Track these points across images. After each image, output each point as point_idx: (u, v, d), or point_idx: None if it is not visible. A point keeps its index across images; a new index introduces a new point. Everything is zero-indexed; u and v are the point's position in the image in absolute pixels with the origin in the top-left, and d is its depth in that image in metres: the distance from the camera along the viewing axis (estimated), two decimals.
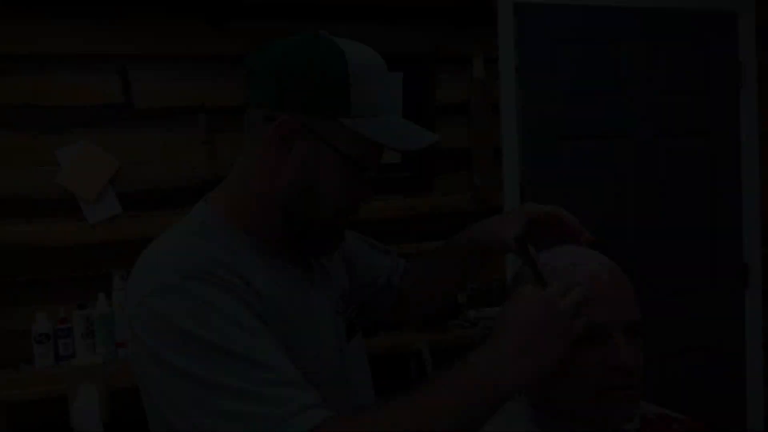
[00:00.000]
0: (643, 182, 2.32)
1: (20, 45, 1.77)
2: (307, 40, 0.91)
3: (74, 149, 1.82)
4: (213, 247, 0.87)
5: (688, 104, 2.38)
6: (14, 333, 1.81)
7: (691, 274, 2.40)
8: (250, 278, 0.87)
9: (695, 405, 2.39)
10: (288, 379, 0.77)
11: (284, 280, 0.94)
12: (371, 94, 0.90)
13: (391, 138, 0.90)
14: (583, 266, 0.94)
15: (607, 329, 0.90)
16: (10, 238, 1.79)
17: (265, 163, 0.92)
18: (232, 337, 0.77)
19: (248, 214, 0.94)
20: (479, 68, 2.17)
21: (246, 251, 0.91)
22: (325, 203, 0.92)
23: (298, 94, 0.89)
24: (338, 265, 1.13)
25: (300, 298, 0.95)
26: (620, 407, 0.89)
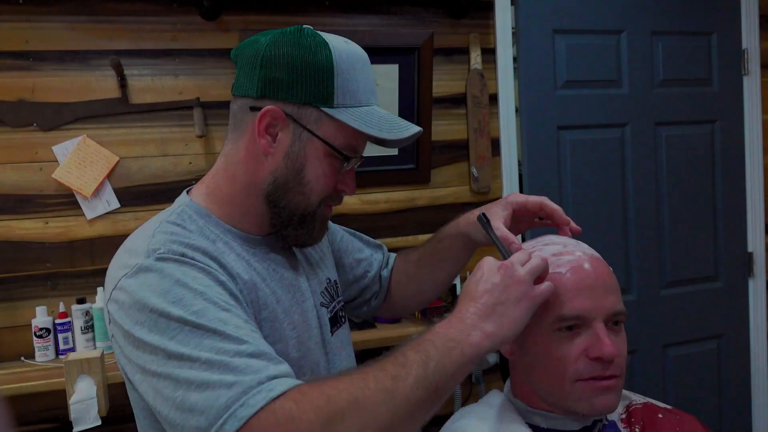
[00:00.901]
0: (644, 172, 2.29)
1: (16, 41, 1.78)
2: (292, 32, 0.92)
3: (71, 145, 1.83)
4: (190, 234, 0.89)
5: (691, 93, 2.35)
6: (16, 328, 1.83)
7: (695, 264, 2.38)
8: (227, 264, 0.88)
9: (700, 394, 2.38)
10: (259, 351, 0.77)
11: (264, 269, 0.95)
12: (355, 86, 0.92)
13: (373, 128, 0.91)
14: (566, 256, 0.94)
15: (588, 319, 0.90)
16: (9, 233, 1.80)
17: (250, 153, 0.94)
18: (203, 312, 0.77)
19: (230, 203, 0.95)
20: (476, 59, 2.15)
21: (224, 239, 0.92)
22: (309, 192, 0.94)
23: (282, 83, 0.90)
24: (325, 258, 1.14)
25: (280, 287, 0.96)
26: (601, 397, 0.89)
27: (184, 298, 0.78)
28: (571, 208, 2.21)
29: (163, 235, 0.87)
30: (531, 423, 0.95)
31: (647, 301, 2.32)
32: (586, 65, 2.21)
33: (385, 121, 0.94)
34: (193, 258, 0.84)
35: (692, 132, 2.36)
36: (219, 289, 0.82)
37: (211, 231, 0.92)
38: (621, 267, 2.28)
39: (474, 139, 2.16)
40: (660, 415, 1.00)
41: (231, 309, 0.80)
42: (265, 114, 0.90)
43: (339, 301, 1.12)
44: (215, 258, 0.87)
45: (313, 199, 0.94)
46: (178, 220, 0.91)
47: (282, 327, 0.93)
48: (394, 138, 0.93)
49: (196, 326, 0.76)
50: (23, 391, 1.64)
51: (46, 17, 1.80)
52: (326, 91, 0.90)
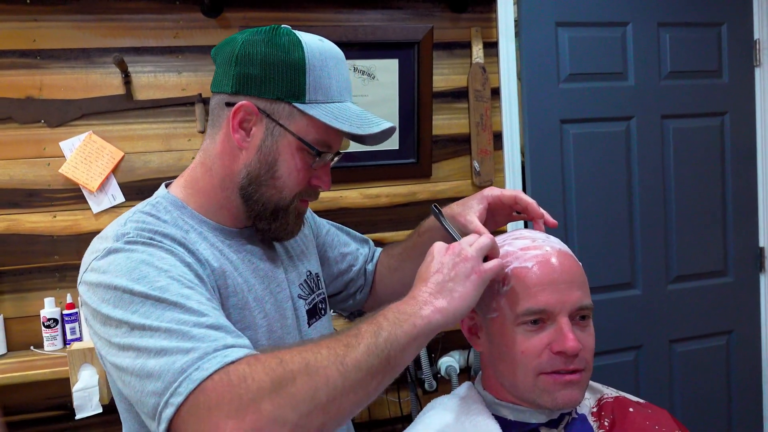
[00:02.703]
0: (650, 165, 2.26)
1: (23, 41, 1.83)
2: (267, 31, 0.96)
3: (78, 141, 1.88)
4: (161, 223, 0.92)
5: (700, 85, 2.31)
6: (25, 318, 1.89)
7: (704, 259, 2.35)
8: (196, 251, 0.91)
9: (709, 391, 2.36)
10: (218, 324, 0.79)
11: (238, 258, 0.98)
12: (327, 82, 0.94)
13: (344, 123, 0.94)
14: (533, 250, 0.95)
15: (552, 313, 0.90)
16: (19, 227, 1.86)
17: (225, 147, 0.97)
18: (166, 287, 0.80)
19: (206, 196, 0.99)
20: (478, 53, 2.15)
21: (198, 230, 0.96)
22: (281, 186, 0.96)
23: (256, 79, 0.93)
24: (307, 251, 1.16)
25: (254, 276, 0.99)
26: (563, 391, 0.90)
27: (149, 275, 0.80)
28: (574, 202, 2.19)
29: (134, 223, 0.90)
30: (499, 415, 0.96)
31: (653, 296, 2.29)
32: (590, 58, 2.19)
33: (356, 117, 0.95)
34: (161, 242, 0.87)
35: (701, 125, 2.32)
36: (184, 269, 0.85)
37: (185, 221, 0.95)
38: (626, 262, 2.26)
39: (476, 133, 2.16)
40: (631, 408, 1.00)
41: (194, 287, 0.83)
42: (239, 109, 0.93)
43: (320, 294, 1.14)
44: (184, 245, 0.89)
45: (285, 193, 0.97)
46: (153, 211, 0.94)
47: (252, 315, 0.95)
48: (364, 133, 0.94)
49: (158, 300, 0.78)
50: (30, 379, 1.69)
51: (53, 16, 1.85)
52: (298, 87, 0.92)
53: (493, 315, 0.95)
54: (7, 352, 1.85)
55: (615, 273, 2.26)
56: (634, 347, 2.30)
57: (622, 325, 2.27)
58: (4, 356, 1.83)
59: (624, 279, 2.27)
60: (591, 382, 1.07)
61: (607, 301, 2.25)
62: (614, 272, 2.26)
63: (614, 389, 1.06)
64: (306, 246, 1.17)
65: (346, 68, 0.99)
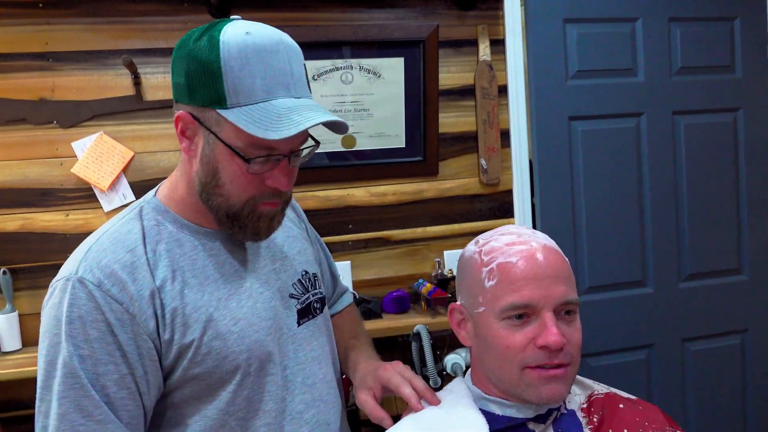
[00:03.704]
0: (661, 162, 2.24)
1: (36, 43, 1.88)
2: (195, 32, 0.92)
3: (89, 141, 1.92)
4: (124, 251, 0.93)
5: (712, 81, 2.28)
6: (39, 315, 1.93)
7: (717, 257, 2.32)
8: (157, 277, 0.94)
9: (723, 390, 2.32)
10: None
11: (214, 263, 0.99)
12: (249, 81, 0.88)
13: (260, 127, 0.87)
14: (518, 245, 0.95)
15: (537, 308, 0.91)
16: (33, 225, 1.91)
17: (184, 155, 0.98)
18: (82, 373, 0.88)
19: (184, 201, 0.99)
20: (485, 50, 2.15)
21: (176, 236, 0.97)
22: (226, 193, 0.94)
23: (183, 88, 0.91)
24: (306, 251, 1.17)
25: (231, 277, 0.99)
26: (548, 385, 0.90)
27: (72, 364, 0.88)
28: (583, 199, 2.18)
29: (96, 254, 0.93)
30: (487, 410, 0.97)
31: (665, 294, 2.27)
32: (599, 54, 2.17)
33: (276, 118, 0.88)
34: (108, 291, 0.89)
35: (713, 120, 2.29)
36: (105, 363, 0.90)
37: (165, 227, 0.97)
38: (637, 260, 2.24)
39: (483, 130, 2.16)
40: (621, 405, 1.00)
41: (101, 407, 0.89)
42: (177, 119, 0.92)
43: (315, 294, 1.14)
44: (136, 280, 0.91)
45: (233, 200, 0.94)
46: (135, 216, 0.98)
47: (216, 322, 0.96)
48: (276, 137, 0.87)
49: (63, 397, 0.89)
50: None
51: (64, 20, 1.89)
52: (218, 92, 0.88)
53: (479, 310, 0.95)
54: (22, 348, 1.90)
55: (626, 271, 2.24)
56: (645, 346, 2.28)
57: (634, 323, 2.25)
58: (20, 351, 1.88)
59: (635, 277, 2.25)
60: (582, 378, 1.07)
61: (618, 299, 2.23)
62: (625, 270, 2.24)
63: (605, 385, 1.06)
64: (304, 247, 1.18)
65: (282, 58, 0.90)
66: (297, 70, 0.92)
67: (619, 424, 0.97)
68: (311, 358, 1.08)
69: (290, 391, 1.03)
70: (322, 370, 1.10)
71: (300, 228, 1.22)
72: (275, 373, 1.01)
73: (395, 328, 1.93)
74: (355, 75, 2.03)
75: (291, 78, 0.91)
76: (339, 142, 2.06)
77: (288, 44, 0.92)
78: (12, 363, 1.77)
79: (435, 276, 2.10)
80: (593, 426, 0.96)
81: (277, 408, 1.01)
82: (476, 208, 2.20)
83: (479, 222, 2.19)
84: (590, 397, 1.02)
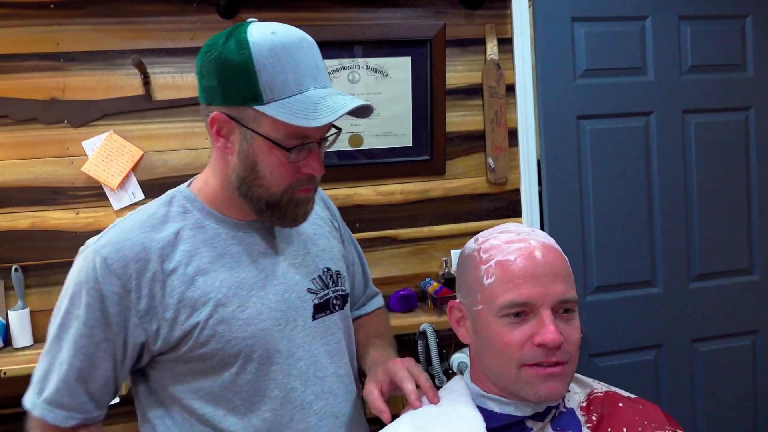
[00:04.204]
0: (671, 161, 2.23)
1: (48, 44, 1.91)
2: (220, 36, 0.98)
3: (99, 140, 1.95)
4: (147, 228, 1.02)
5: (723, 79, 2.26)
6: (50, 311, 1.95)
7: (727, 257, 2.30)
8: (169, 261, 1.01)
9: (733, 391, 2.30)
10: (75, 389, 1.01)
11: (232, 250, 1.05)
12: (282, 77, 0.95)
13: (298, 117, 0.94)
14: (517, 243, 0.96)
15: (535, 306, 0.91)
16: (44, 223, 1.94)
17: (218, 153, 1.05)
18: (76, 326, 1.00)
19: (215, 195, 1.07)
20: (492, 49, 2.15)
21: (201, 224, 1.05)
22: (266, 184, 1.01)
23: (217, 90, 0.98)
24: (331, 249, 1.21)
25: (248, 267, 1.05)
26: (546, 383, 0.90)
27: (68, 317, 1.02)
28: (591, 198, 2.17)
29: (116, 231, 1.02)
30: (485, 408, 0.97)
31: (674, 294, 2.25)
32: (608, 53, 2.16)
33: (312, 107, 0.95)
34: (111, 266, 0.98)
35: (724, 119, 2.27)
36: (92, 326, 1.00)
37: (192, 214, 1.05)
38: (646, 260, 2.23)
39: (490, 129, 2.16)
40: (621, 403, 0.99)
41: (83, 345, 1.01)
42: (213, 121, 0.99)
43: (336, 290, 1.16)
44: (141, 260, 1.00)
45: (273, 189, 1.01)
46: (166, 202, 1.07)
47: (226, 309, 1.02)
48: (315, 125, 0.94)
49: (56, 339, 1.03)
50: None
51: (75, 20, 1.92)
52: (253, 90, 0.94)
53: (478, 307, 0.95)
54: (33, 344, 1.92)
55: (634, 271, 2.23)
56: (654, 346, 2.26)
57: (642, 323, 2.24)
58: (31, 347, 1.90)
59: (644, 277, 2.24)
60: (582, 377, 1.07)
61: (626, 299, 2.22)
62: (633, 270, 2.22)
63: (605, 384, 1.06)
64: (331, 245, 1.21)
65: (307, 53, 0.98)
66: (320, 63, 1.00)
67: (618, 422, 0.96)
68: (324, 351, 1.11)
69: (302, 381, 1.08)
70: (334, 364, 1.13)
71: (330, 226, 1.26)
72: (281, 362, 1.05)
73: (401, 327, 1.94)
74: (363, 74, 2.04)
75: (317, 70, 0.98)
76: (346, 141, 2.06)
77: (309, 40, 0.99)
78: (23, 359, 1.80)
79: (442, 275, 2.10)
80: (592, 424, 0.96)
81: (283, 396, 1.06)
82: (483, 208, 2.20)
83: (486, 221, 2.19)
84: (590, 395, 1.02)
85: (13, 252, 1.92)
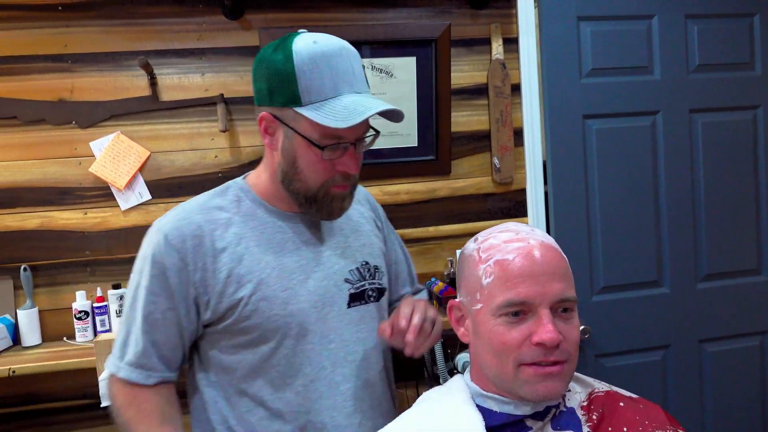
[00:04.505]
0: (678, 161, 2.21)
1: (56, 46, 1.93)
2: (272, 46, 1.11)
3: (106, 141, 1.96)
4: (206, 208, 1.17)
5: (730, 78, 2.24)
6: (58, 310, 1.98)
7: (735, 257, 2.28)
8: (221, 240, 1.14)
9: (742, 392, 2.29)
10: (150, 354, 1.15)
11: (279, 239, 1.17)
12: (319, 82, 1.06)
13: (330, 119, 1.05)
14: (515, 242, 0.96)
15: (533, 305, 0.91)
16: (52, 223, 1.96)
17: (266, 150, 1.18)
18: (146, 297, 1.14)
19: (266, 188, 1.20)
20: (498, 49, 2.14)
21: (250, 211, 1.18)
22: (305, 179, 1.13)
23: (265, 92, 1.14)
24: (371, 246, 1.30)
25: (291, 253, 1.17)
26: (544, 382, 0.90)
27: (138, 289, 1.16)
28: (597, 198, 2.16)
29: (177, 213, 1.17)
30: (485, 407, 0.97)
31: (682, 294, 2.24)
32: (614, 52, 2.15)
33: (343, 110, 1.05)
34: (171, 242, 1.13)
35: (732, 118, 2.25)
36: (158, 294, 1.14)
37: (245, 203, 1.19)
38: (652, 260, 2.21)
39: (496, 129, 2.16)
40: (621, 403, 0.99)
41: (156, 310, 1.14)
42: (261, 120, 1.13)
43: (373, 283, 1.26)
44: (196, 237, 1.13)
45: (310, 184, 1.13)
46: (222, 191, 1.21)
47: (268, 288, 1.14)
48: (343, 126, 1.04)
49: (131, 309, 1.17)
50: (62, 368, 1.78)
51: (83, 22, 1.93)
52: (294, 93, 1.07)
53: (477, 307, 0.95)
54: (42, 342, 1.94)
55: (641, 271, 2.21)
56: (661, 347, 2.25)
57: (649, 324, 2.22)
58: (39, 346, 1.92)
59: (651, 277, 2.22)
60: (583, 377, 1.06)
61: (633, 299, 2.21)
62: (640, 270, 2.21)
63: (606, 384, 1.05)
64: (371, 241, 1.30)
65: (344, 60, 1.08)
66: (357, 70, 1.10)
67: (619, 422, 0.96)
68: (356, 338, 1.21)
69: (331, 362, 1.18)
70: (365, 351, 1.23)
71: (373, 226, 1.36)
72: (315, 343, 1.16)
73: None
74: (368, 74, 2.04)
75: (353, 76, 1.08)
76: None
77: (349, 49, 1.09)
78: (32, 357, 1.82)
79: (447, 275, 2.10)
80: (592, 423, 0.96)
81: (314, 374, 1.17)
82: (489, 207, 2.20)
83: (492, 221, 2.19)
84: (591, 395, 1.01)
85: (22, 251, 1.94)
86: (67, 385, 1.98)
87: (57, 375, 1.91)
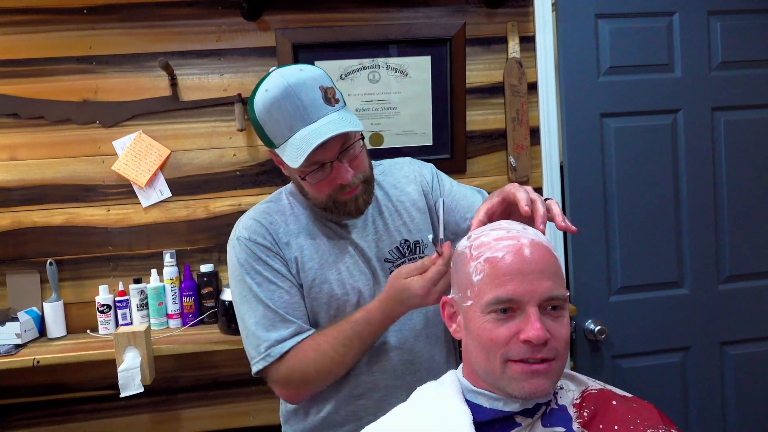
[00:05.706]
0: (699, 160, 2.17)
1: (81, 48, 2.00)
2: (253, 91, 1.26)
3: (129, 140, 2.02)
4: (269, 214, 1.35)
5: (755, 75, 2.19)
6: (82, 303, 2.05)
7: (759, 258, 2.23)
8: (280, 238, 1.32)
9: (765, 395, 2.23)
10: (278, 319, 1.29)
11: (321, 232, 1.35)
12: (277, 126, 1.21)
13: (296, 154, 1.19)
14: (506, 240, 0.96)
15: (521, 302, 0.92)
16: (77, 219, 2.02)
17: None
18: (255, 287, 1.29)
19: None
20: (514, 48, 2.14)
21: (299, 211, 1.37)
22: (312, 197, 1.31)
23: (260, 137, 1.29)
24: (412, 222, 1.41)
25: (331, 244, 1.34)
26: (531, 380, 0.90)
27: (249, 274, 1.31)
28: (615, 198, 2.14)
29: (246, 220, 1.35)
30: (475, 402, 0.98)
31: (703, 296, 2.20)
32: (633, 50, 2.12)
33: (301, 143, 1.18)
34: (254, 240, 1.31)
35: (755, 117, 2.20)
36: (266, 267, 1.31)
37: (295, 204, 1.37)
38: (672, 261, 2.18)
39: (512, 128, 2.15)
40: (614, 401, 0.99)
41: (270, 285, 1.30)
42: (271, 156, 1.32)
43: (413, 258, 1.38)
44: (272, 233, 1.32)
45: (318, 200, 1.30)
46: (276, 199, 1.40)
47: (324, 272, 1.32)
48: (296, 166, 1.19)
49: (250, 294, 1.31)
50: (85, 359, 1.85)
51: (107, 25, 2.00)
52: (268, 139, 1.25)
53: (467, 303, 0.96)
54: (66, 334, 2.01)
55: (661, 272, 2.18)
56: (681, 348, 2.22)
57: (669, 325, 2.19)
58: (64, 338, 1.99)
59: (671, 278, 2.19)
60: (577, 375, 1.06)
61: (652, 299, 2.18)
62: (660, 271, 2.18)
63: (601, 382, 1.05)
64: (411, 217, 1.40)
65: (290, 100, 1.18)
66: (308, 100, 1.19)
67: (610, 420, 0.96)
68: None
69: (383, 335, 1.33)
70: (411, 319, 1.36)
71: (419, 195, 1.43)
72: None
73: None
74: (383, 74, 2.06)
75: (303, 110, 1.19)
76: (367, 139, 2.09)
77: (295, 84, 1.19)
78: (57, 348, 1.89)
79: None
80: (582, 420, 0.96)
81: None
82: None
83: None
84: (583, 393, 1.02)
85: (48, 246, 2.02)
86: (90, 376, 2.05)
87: (80, 366, 1.97)
